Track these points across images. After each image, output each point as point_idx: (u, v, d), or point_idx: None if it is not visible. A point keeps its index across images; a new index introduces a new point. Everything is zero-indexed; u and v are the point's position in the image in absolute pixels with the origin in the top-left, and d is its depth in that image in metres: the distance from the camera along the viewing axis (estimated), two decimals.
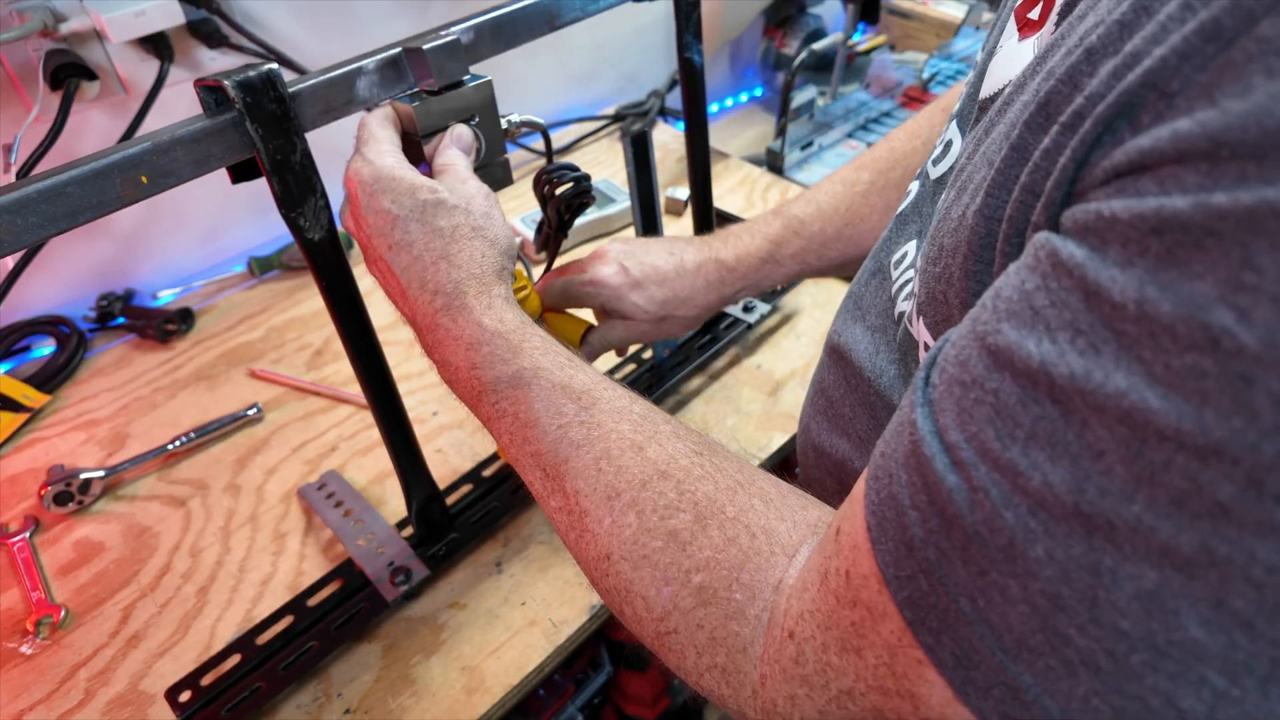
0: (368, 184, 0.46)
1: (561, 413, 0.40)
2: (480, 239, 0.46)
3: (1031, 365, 0.22)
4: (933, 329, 0.34)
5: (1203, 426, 0.18)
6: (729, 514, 0.35)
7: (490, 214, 0.47)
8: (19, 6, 0.76)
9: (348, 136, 0.50)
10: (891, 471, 0.26)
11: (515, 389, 0.41)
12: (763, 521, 0.34)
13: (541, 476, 0.40)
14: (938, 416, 0.24)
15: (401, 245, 0.45)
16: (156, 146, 0.40)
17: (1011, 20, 0.37)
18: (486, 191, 0.48)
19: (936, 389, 0.25)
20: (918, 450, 0.25)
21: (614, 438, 0.38)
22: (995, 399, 0.22)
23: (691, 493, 0.35)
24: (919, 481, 0.24)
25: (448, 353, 0.44)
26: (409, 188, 0.45)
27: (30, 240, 0.38)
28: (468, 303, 0.44)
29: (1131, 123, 0.21)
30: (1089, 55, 0.24)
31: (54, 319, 0.91)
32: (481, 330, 0.43)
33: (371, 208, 0.46)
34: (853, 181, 0.64)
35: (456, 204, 0.46)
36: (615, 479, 0.37)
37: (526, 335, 0.43)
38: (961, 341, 0.25)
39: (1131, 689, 0.20)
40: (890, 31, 1.27)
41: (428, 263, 0.45)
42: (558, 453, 0.39)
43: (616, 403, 0.40)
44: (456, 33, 0.50)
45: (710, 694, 0.34)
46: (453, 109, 0.51)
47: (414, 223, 0.45)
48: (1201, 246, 0.18)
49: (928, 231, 0.40)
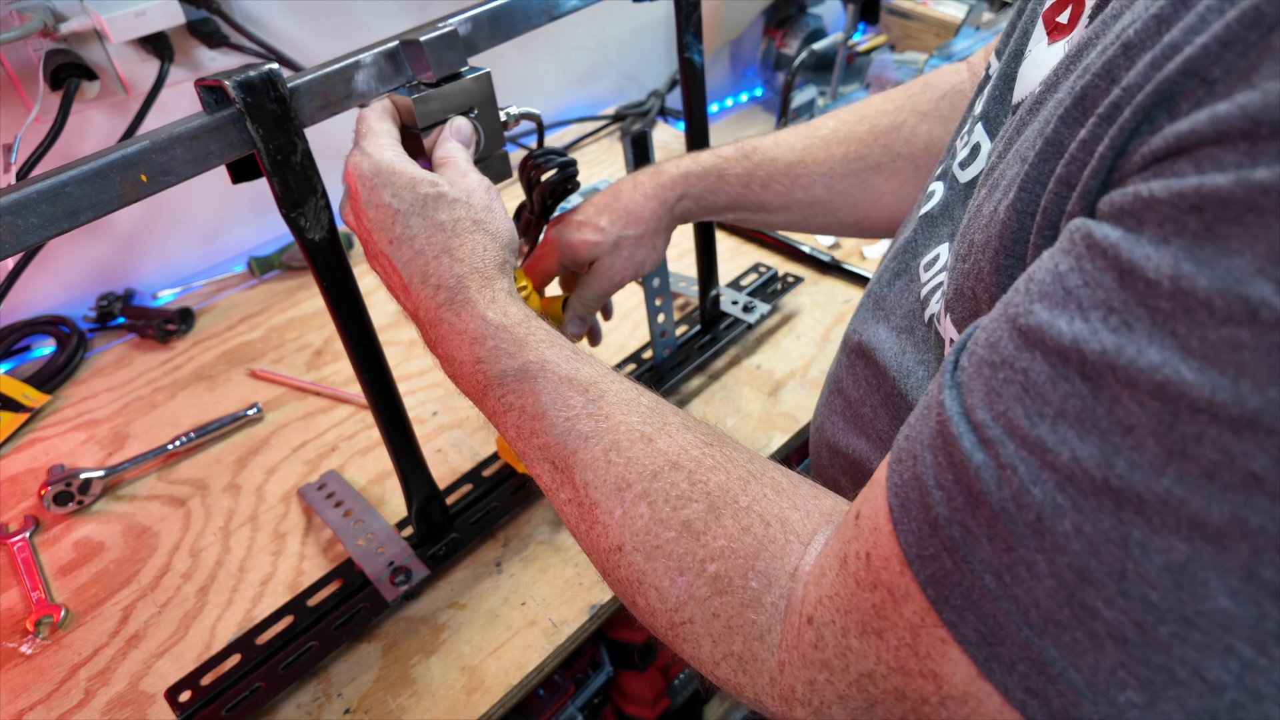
0: (367, 178, 0.46)
1: (569, 405, 0.39)
2: (481, 232, 0.46)
3: (1063, 343, 0.22)
4: (959, 324, 0.34)
5: (1238, 398, 0.18)
6: (742, 503, 0.35)
7: (491, 206, 0.47)
8: (19, 6, 0.76)
9: (348, 135, 0.50)
10: (916, 453, 0.26)
11: (522, 382, 0.41)
12: (776, 510, 0.34)
13: (550, 469, 0.40)
14: (965, 397, 0.24)
15: (402, 240, 0.45)
16: (155, 145, 0.40)
17: (1040, 25, 0.37)
18: (487, 184, 0.48)
19: (965, 371, 0.25)
20: (945, 430, 0.25)
21: (623, 429, 0.38)
22: (1025, 378, 0.23)
23: (704, 483, 0.35)
24: (945, 461, 0.24)
25: (451, 347, 0.44)
26: (409, 181, 0.45)
27: (31, 241, 0.38)
28: (470, 297, 0.43)
29: (1170, 110, 0.22)
30: (1126, 50, 0.24)
31: (54, 319, 0.91)
32: (486, 324, 0.42)
33: (371, 202, 0.45)
34: (817, 126, 0.64)
35: (457, 197, 0.46)
36: (626, 470, 0.37)
37: (531, 328, 0.43)
38: (992, 325, 0.25)
39: (1159, 660, 0.20)
40: (890, 31, 1.27)
41: (429, 257, 0.44)
42: (566, 445, 0.39)
43: (624, 395, 0.40)
44: (454, 24, 0.49)
45: (726, 684, 0.34)
46: (451, 102, 0.50)
47: (415, 217, 0.45)
48: (1241, 222, 0.19)
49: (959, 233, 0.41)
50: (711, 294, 0.82)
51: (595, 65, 1.26)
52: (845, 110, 0.65)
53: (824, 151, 0.63)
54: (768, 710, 0.32)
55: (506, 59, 1.15)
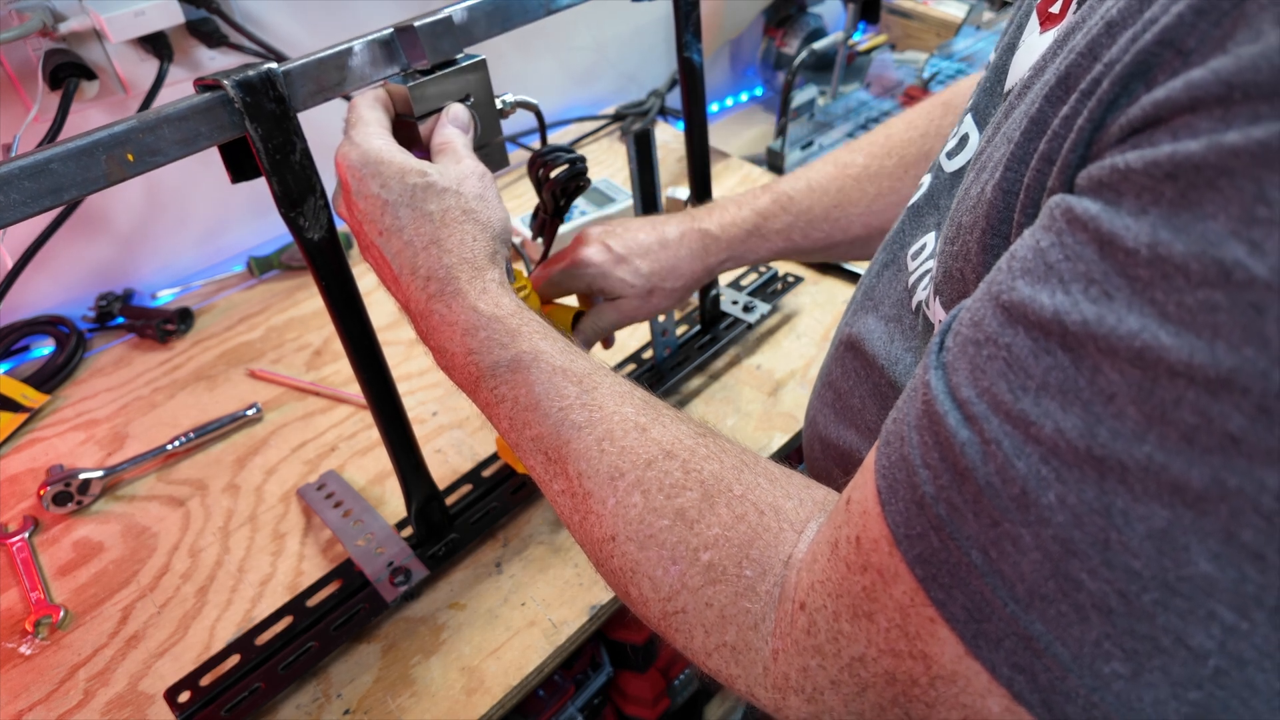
0: (356, 168, 0.45)
1: (563, 395, 0.39)
2: (471, 222, 0.45)
3: (1044, 317, 0.22)
4: (947, 306, 0.34)
5: (1214, 359, 0.18)
6: (736, 492, 0.34)
7: (484, 195, 0.47)
8: (18, 6, 0.76)
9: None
10: (903, 435, 0.26)
11: (515, 373, 0.41)
12: (770, 499, 0.34)
13: (543, 460, 0.40)
14: (950, 376, 0.25)
15: (392, 231, 0.45)
16: (143, 124, 0.40)
17: (1034, 16, 0.38)
18: (482, 171, 0.48)
19: (950, 351, 0.25)
20: (930, 409, 0.25)
21: (616, 419, 0.38)
22: (1008, 353, 0.23)
23: (698, 471, 0.35)
24: (931, 440, 0.25)
25: (443, 339, 0.44)
26: (398, 171, 0.45)
27: (13, 218, 0.37)
28: (460, 288, 0.43)
29: (1147, 82, 0.22)
30: (1109, 28, 0.24)
31: (53, 319, 0.91)
32: (477, 315, 0.42)
33: (361, 193, 0.45)
34: (846, 164, 0.64)
35: (446, 186, 0.45)
36: (619, 459, 0.37)
37: (524, 319, 0.43)
38: (975, 304, 0.25)
39: (1143, 629, 0.21)
40: (891, 31, 1.27)
41: (418, 248, 0.44)
42: (559, 435, 0.39)
43: (618, 387, 0.40)
44: (449, 11, 0.49)
45: (718, 674, 0.34)
46: (447, 89, 0.50)
47: (403, 207, 0.44)
48: (1214, 186, 0.19)
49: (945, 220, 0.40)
50: (711, 294, 0.82)
51: (595, 65, 1.26)
52: (870, 143, 0.65)
53: (858, 191, 0.63)
54: (759, 701, 0.32)
55: (506, 58, 1.15)
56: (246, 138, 0.43)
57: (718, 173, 1.12)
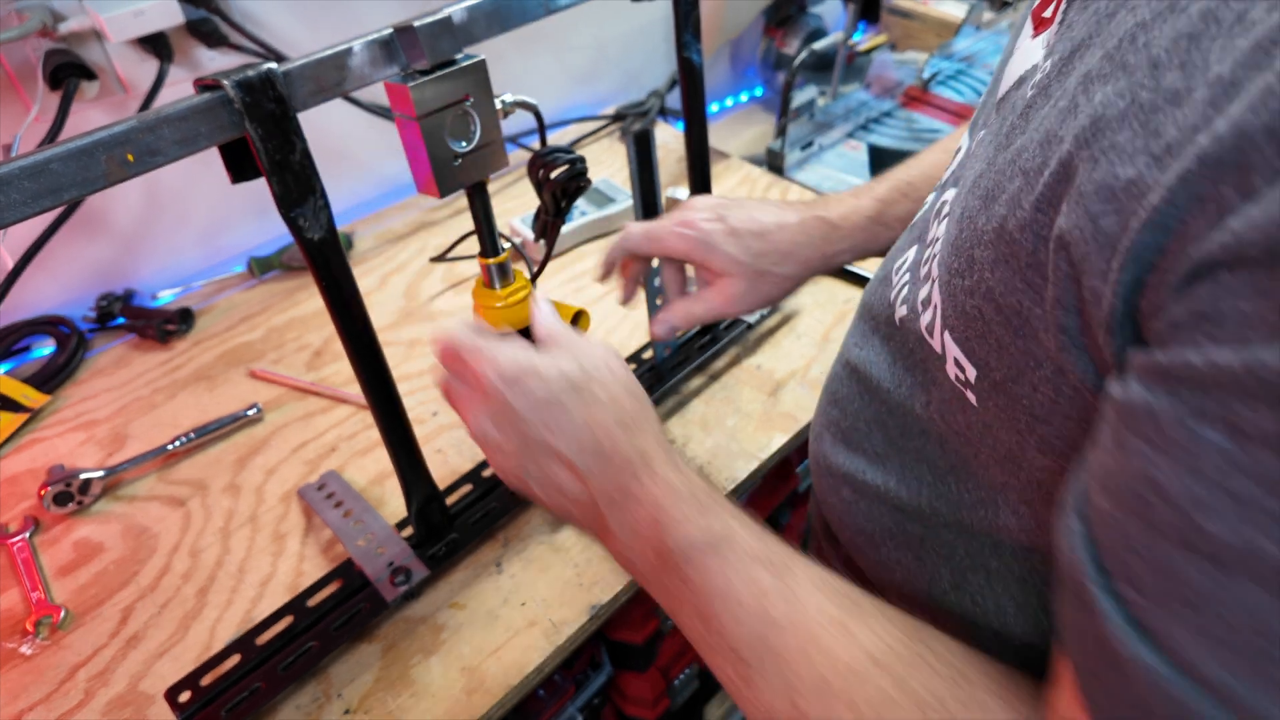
0: (509, 378, 0.44)
1: (757, 582, 0.36)
2: (631, 398, 0.44)
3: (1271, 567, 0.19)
4: (963, 344, 0.33)
5: None
6: (956, 713, 0.31)
7: (627, 370, 0.46)
8: (18, 6, 0.76)
9: (347, 138, 0.50)
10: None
11: (706, 555, 0.38)
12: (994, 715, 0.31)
13: (733, 659, 0.36)
14: (1162, 641, 0.22)
15: (565, 428, 0.43)
16: (142, 124, 0.40)
17: (1029, 21, 0.37)
18: (608, 347, 0.47)
19: (1140, 606, 0.22)
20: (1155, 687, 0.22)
21: (816, 615, 0.35)
22: (1227, 612, 0.20)
23: (911, 689, 0.32)
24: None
25: (635, 518, 0.41)
26: (549, 366, 0.44)
27: (13, 218, 0.37)
28: (653, 465, 0.42)
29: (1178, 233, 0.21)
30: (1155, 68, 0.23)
31: (54, 319, 0.91)
32: (672, 491, 0.41)
33: (517, 402, 0.43)
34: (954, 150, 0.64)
35: (595, 370, 0.44)
36: (827, 669, 0.34)
37: (713, 494, 0.41)
38: (1146, 539, 0.22)
39: None
40: (891, 31, 1.27)
41: (600, 435, 0.42)
42: (755, 631, 0.36)
43: (810, 569, 0.37)
44: (449, 11, 0.49)
45: None
46: (447, 89, 0.50)
47: (571, 399, 0.43)
48: None
49: (928, 236, 0.40)
50: None
51: (595, 65, 1.26)
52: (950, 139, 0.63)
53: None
54: None
55: (506, 58, 1.14)
56: (246, 138, 0.43)
57: (718, 173, 1.12)
